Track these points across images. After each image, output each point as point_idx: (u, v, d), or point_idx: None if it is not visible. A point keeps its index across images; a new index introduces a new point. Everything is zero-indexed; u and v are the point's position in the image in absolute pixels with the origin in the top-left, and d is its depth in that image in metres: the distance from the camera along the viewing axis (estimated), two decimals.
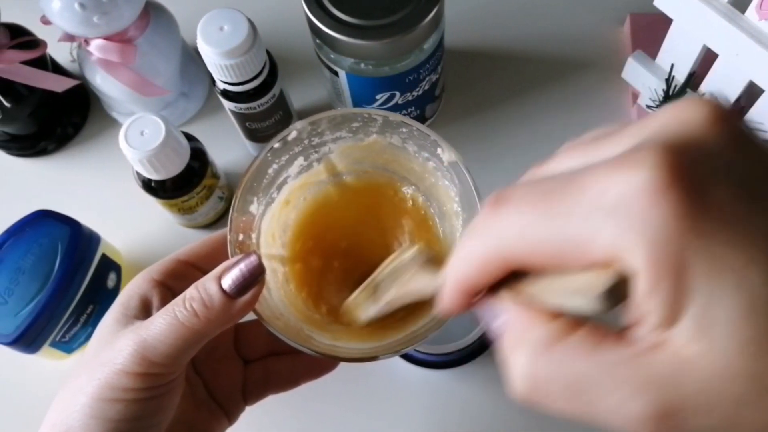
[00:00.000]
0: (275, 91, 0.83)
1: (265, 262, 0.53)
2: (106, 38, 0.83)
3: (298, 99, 0.97)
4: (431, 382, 0.84)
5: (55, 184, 0.96)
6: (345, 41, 0.75)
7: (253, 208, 0.61)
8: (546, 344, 0.33)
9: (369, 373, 0.85)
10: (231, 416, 0.63)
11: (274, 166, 0.62)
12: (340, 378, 0.69)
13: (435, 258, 0.52)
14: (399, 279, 0.54)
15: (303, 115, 0.96)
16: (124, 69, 0.86)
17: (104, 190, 0.94)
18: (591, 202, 0.30)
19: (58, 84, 0.88)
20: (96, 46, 0.84)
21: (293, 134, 0.61)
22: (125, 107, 0.95)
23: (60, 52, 0.95)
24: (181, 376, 0.54)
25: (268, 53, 0.82)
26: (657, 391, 0.30)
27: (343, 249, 0.65)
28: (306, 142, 0.63)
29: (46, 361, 0.81)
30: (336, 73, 0.82)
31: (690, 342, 0.29)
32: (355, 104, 0.87)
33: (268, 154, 0.61)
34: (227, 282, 0.51)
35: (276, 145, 0.61)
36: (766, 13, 0.70)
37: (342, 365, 0.63)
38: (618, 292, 0.31)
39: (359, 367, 0.81)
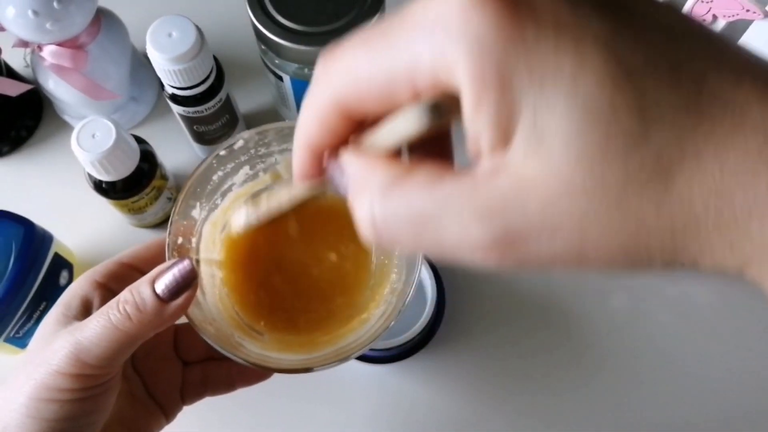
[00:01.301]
0: (222, 95, 0.83)
1: (204, 267, 0.53)
2: (59, 44, 0.83)
3: (244, 103, 0.97)
4: (375, 376, 0.85)
5: (9, 185, 0.96)
6: (289, 47, 0.76)
7: (195, 212, 0.61)
8: (387, 185, 0.32)
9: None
10: (169, 415, 0.62)
11: (219, 173, 0.62)
12: (284, 376, 0.70)
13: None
14: (275, 193, 0.51)
15: (249, 118, 0.97)
16: (75, 74, 0.85)
17: (57, 190, 0.94)
18: (411, 26, 0.29)
19: (12, 88, 0.88)
20: (49, 52, 0.84)
21: (240, 143, 0.61)
22: (77, 111, 0.95)
23: (14, 58, 0.94)
24: (117, 376, 0.54)
25: (215, 59, 0.82)
26: (497, 216, 0.29)
27: (281, 258, 0.64)
28: (252, 151, 0.62)
29: (1, 355, 0.81)
30: (281, 78, 0.83)
31: (525, 160, 0.28)
32: (300, 108, 0.86)
33: (213, 161, 0.60)
34: (160, 286, 0.50)
35: (222, 153, 0.60)
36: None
37: None
38: (443, 106, 0.29)
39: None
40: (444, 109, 0.29)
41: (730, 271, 0.28)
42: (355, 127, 0.34)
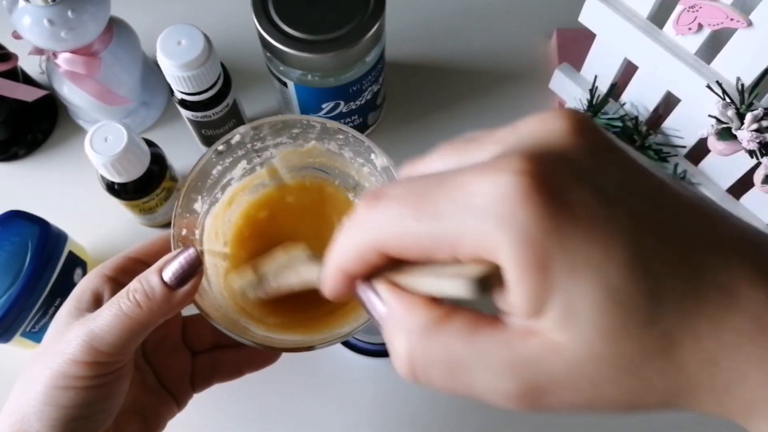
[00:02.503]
0: (229, 100, 0.84)
1: (208, 258, 0.54)
2: (73, 52, 0.84)
3: (250, 108, 0.97)
4: (373, 369, 0.85)
5: (25, 187, 0.96)
6: (293, 54, 0.76)
7: (197, 206, 0.61)
8: (424, 330, 0.34)
9: (314, 363, 0.85)
10: (180, 402, 0.63)
11: (219, 167, 0.62)
12: (287, 368, 0.70)
13: (318, 256, 0.52)
14: (286, 271, 0.54)
15: None
16: (89, 80, 0.86)
17: (71, 192, 0.94)
18: (460, 203, 0.31)
19: (29, 94, 0.88)
20: (63, 59, 0.84)
21: (236, 138, 0.61)
22: (90, 115, 0.95)
23: (30, 65, 0.95)
24: (129, 363, 0.54)
25: (223, 65, 0.83)
26: (526, 372, 0.31)
27: (283, 242, 0.62)
28: (249, 146, 0.63)
29: (18, 349, 0.81)
30: (285, 84, 0.83)
31: (556, 330, 0.30)
32: (303, 113, 0.87)
33: (213, 156, 0.61)
34: (168, 274, 0.51)
35: (220, 148, 0.61)
36: (682, 28, 0.71)
37: (287, 355, 0.64)
38: (490, 280, 0.31)
39: (306, 358, 0.82)
40: (489, 284, 0.31)
41: (718, 417, 0.32)
42: (387, 261, 0.35)
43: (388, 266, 0.36)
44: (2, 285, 0.75)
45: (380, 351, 0.79)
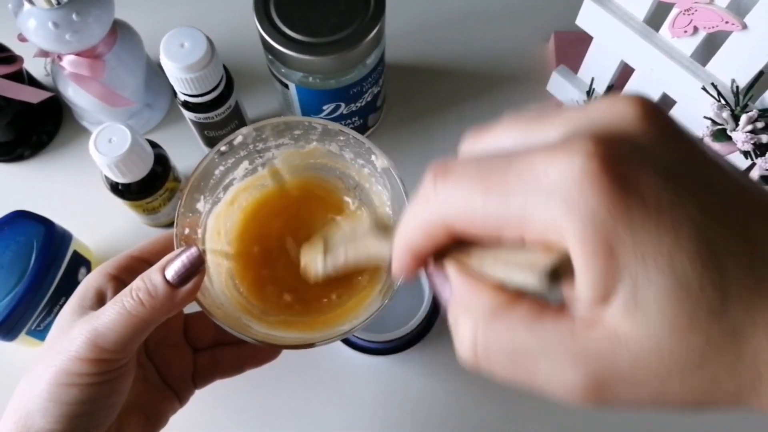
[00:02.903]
0: (231, 102, 0.84)
1: (209, 257, 0.54)
2: (78, 54, 0.84)
3: (252, 109, 0.97)
4: (373, 367, 0.85)
5: (30, 187, 0.96)
6: (295, 57, 0.76)
7: (200, 205, 0.62)
8: (491, 314, 0.33)
9: (316, 360, 0.85)
10: (182, 399, 0.63)
11: (221, 167, 0.62)
12: (289, 365, 0.70)
13: (383, 225, 0.52)
14: (352, 241, 0.53)
15: None
16: (93, 82, 0.86)
17: (76, 192, 0.95)
18: (530, 183, 0.30)
19: (34, 96, 0.88)
20: (68, 62, 0.84)
21: (239, 139, 0.61)
22: (95, 117, 0.95)
23: (35, 67, 0.95)
24: (132, 361, 0.55)
25: (225, 68, 0.83)
26: (591, 364, 0.31)
27: (283, 247, 0.64)
28: (251, 146, 0.63)
29: (23, 347, 0.81)
30: (287, 86, 0.83)
31: (622, 320, 0.30)
32: (304, 114, 0.87)
33: (215, 156, 0.61)
34: (170, 273, 0.52)
35: (222, 148, 0.61)
36: (678, 31, 0.71)
37: (287, 353, 0.64)
38: (559, 271, 0.31)
39: (306, 355, 0.83)
40: (558, 275, 0.31)
41: None
42: (454, 240, 0.35)
43: (455, 247, 0.35)
44: (8, 284, 0.75)
45: (379, 349, 0.80)
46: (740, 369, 0.29)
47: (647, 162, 0.30)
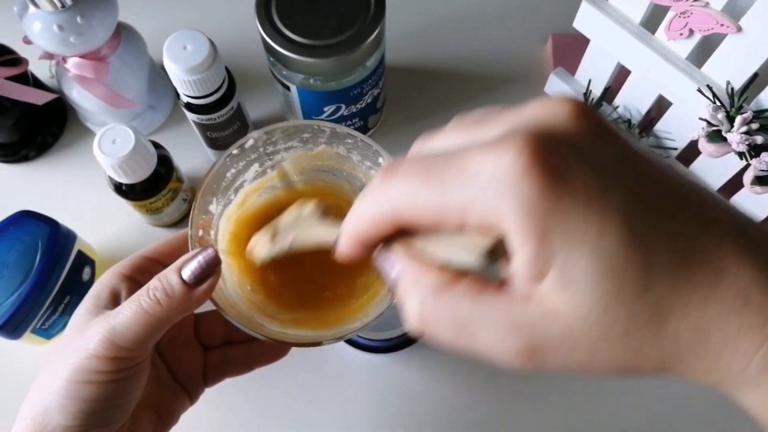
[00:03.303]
0: (233, 103, 0.84)
1: (222, 258, 0.54)
2: (82, 56, 0.84)
3: (253, 111, 0.97)
4: (374, 365, 0.85)
5: (35, 188, 0.96)
6: (296, 59, 0.76)
7: (212, 207, 0.62)
8: (435, 290, 0.36)
9: (318, 358, 0.85)
10: (193, 396, 0.63)
11: (232, 170, 0.62)
12: (293, 365, 0.70)
13: (329, 211, 0.53)
14: (299, 227, 0.54)
15: (258, 125, 0.97)
16: (97, 84, 0.86)
17: (80, 192, 0.95)
18: (468, 176, 0.33)
19: (39, 98, 0.88)
20: (72, 64, 0.84)
21: (250, 142, 0.61)
22: (99, 118, 0.95)
23: (40, 69, 0.95)
24: (147, 359, 0.55)
25: (227, 70, 0.83)
26: (527, 332, 0.33)
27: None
28: (261, 149, 0.63)
29: (28, 346, 0.81)
30: (288, 88, 0.83)
31: (554, 294, 0.32)
32: (305, 116, 0.87)
33: (227, 160, 0.61)
34: (187, 273, 0.52)
35: (234, 152, 0.61)
36: (673, 33, 0.72)
37: (293, 352, 0.64)
38: (496, 251, 0.34)
39: (310, 354, 0.83)
40: (496, 255, 0.34)
41: (707, 386, 0.34)
42: (399, 229, 0.37)
43: (400, 234, 0.38)
44: (13, 283, 0.75)
45: (380, 347, 0.80)
46: (663, 340, 0.32)
47: (576, 155, 0.32)
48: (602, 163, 0.32)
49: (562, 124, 0.34)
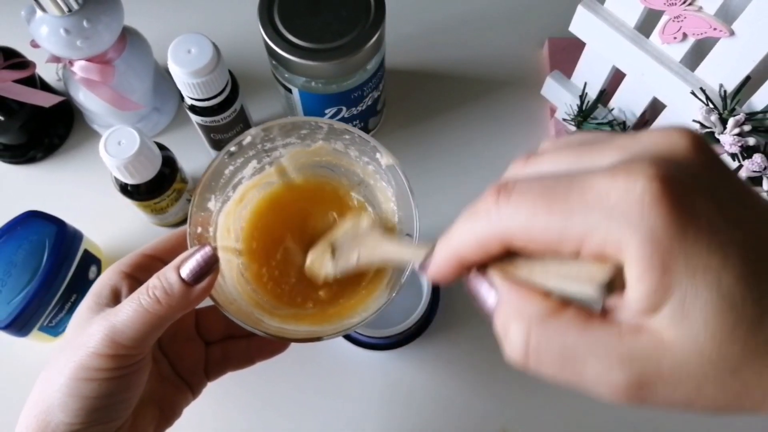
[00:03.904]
0: (236, 106, 0.84)
1: (221, 254, 0.54)
2: (88, 60, 0.84)
3: (256, 113, 0.97)
4: (374, 361, 0.85)
5: (42, 188, 0.96)
6: (298, 62, 0.77)
7: (211, 204, 0.62)
8: (541, 318, 0.35)
9: (319, 355, 0.85)
10: (195, 391, 0.64)
11: (231, 167, 0.63)
12: (294, 361, 0.70)
13: (386, 225, 0.53)
14: (362, 243, 0.54)
15: None
16: (103, 87, 0.86)
17: (86, 193, 0.95)
18: (592, 202, 0.32)
19: (46, 100, 0.88)
20: (79, 67, 0.85)
21: (248, 139, 0.61)
22: (104, 120, 0.95)
23: (47, 72, 0.95)
24: (148, 356, 0.55)
25: (230, 73, 0.83)
26: (635, 365, 0.32)
27: (290, 242, 0.64)
28: (259, 146, 0.63)
29: (35, 343, 0.81)
30: (290, 91, 0.83)
31: (669, 327, 0.31)
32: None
33: (225, 157, 0.61)
34: (185, 271, 0.52)
35: (232, 149, 0.61)
36: (667, 37, 0.71)
37: (294, 348, 0.64)
38: (613, 283, 0.33)
39: (310, 350, 0.83)
40: (613, 287, 0.33)
41: None
42: (504, 252, 0.36)
43: (500, 258, 0.37)
44: (21, 281, 0.75)
45: (380, 344, 0.80)
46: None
47: (702, 189, 0.32)
48: (722, 198, 0.32)
49: (683, 155, 0.33)
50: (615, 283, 0.33)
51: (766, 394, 0.32)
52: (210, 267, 0.52)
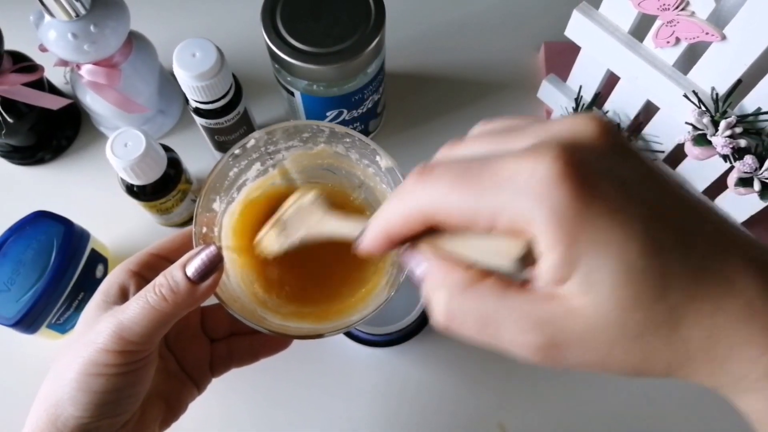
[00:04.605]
0: (240, 108, 0.84)
1: (225, 254, 0.54)
2: (95, 63, 0.84)
3: (259, 115, 0.97)
4: (375, 358, 0.85)
5: (51, 189, 0.96)
6: (300, 66, 0.77)
7: (216, 205, 0.62)
8: (462, 287, 0.37)
9: (321, 352, 0.86)
10: (200, 386, 0.64)
11: (235, 169, 0.63)
12: (296, 357, 0.70)
13: (332, 204, 0.54)
14: (306, 220, 0.55)
15: None
16: (110, 90, 0.86)
17: (93, 193, 0.95)
18: (503, 181, 0.34)
19: (54, 103, 0.88)
20: (86, 70, 0.84)
21: (251, 142, 0.62)
22: (111, 122, 0.95)
23: (55, 76, 0.95)
24: (155, 352, 0.55)
25: (234, 76, 0.83)
26: (547, 328, 0.34)
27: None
28: (263, 149, 0.63)
29: (43, 340, 0.82)
30: (292, 94, 0.83)
31: (578, 295, 0.33)
32: (309, 120, 0.88)
33: (230, 159, 0.61)
34: (191, 270, 0.52)
35: (236, 151, 0.61)
36: (661, 42, 0.71)
37: (296, 345, 0.64)
38: (527, 257, 0.35)
39: (313, 347, 0.83)
40: (526, 259, 0.35)
41: (709, 389, 0.36)
42: (428, 228, 0.38)
43: (424, 235, 0.39)
44: (29, 280, 0.75)
45: (380, 341, 0.80)
46: (674, 344, 0.33)
47: (604, 169, 0.34)
48: (626, 178, 0.34)
49: (590, 139, 0.35)
50: (530, 256, 0.35)
51: (673, 359, 0.34)
52: (215, 266, 0.52)
